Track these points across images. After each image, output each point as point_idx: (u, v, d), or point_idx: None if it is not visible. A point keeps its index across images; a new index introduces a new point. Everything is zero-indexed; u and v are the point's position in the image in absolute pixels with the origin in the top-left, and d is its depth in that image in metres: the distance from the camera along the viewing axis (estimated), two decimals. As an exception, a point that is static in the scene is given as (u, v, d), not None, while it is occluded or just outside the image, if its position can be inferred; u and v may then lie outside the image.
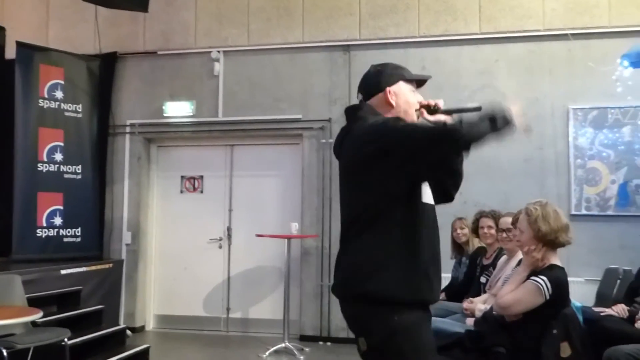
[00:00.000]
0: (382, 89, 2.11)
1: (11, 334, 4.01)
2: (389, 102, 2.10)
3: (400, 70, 2.17)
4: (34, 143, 6.11)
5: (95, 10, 6.73)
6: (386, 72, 2.15)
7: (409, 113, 2.09)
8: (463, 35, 6.24)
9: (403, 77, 2.14)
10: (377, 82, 2.13)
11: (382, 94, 2.11)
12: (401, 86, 2.12)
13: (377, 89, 2.12)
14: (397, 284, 1.89)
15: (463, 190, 6.45)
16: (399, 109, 2.09)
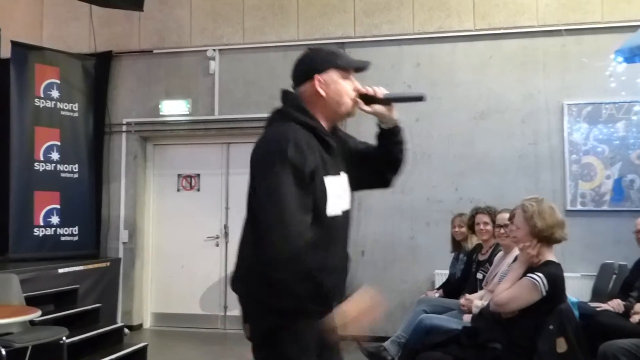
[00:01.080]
0: (310, 77, 1.93)
1: (9, 332, 4.02)
2: (317, 91, 1.93)
3: (334, 57, 1.97)
4: (30, 142, 6.10)
5: (89, 9, 6.71)
6: (318, 58, 1.96)
7: (341, 103, 1.96)
8: (457, 31, 6.25)
9: (336, 64, 1.95)
10: (307, 68, 1.95)
11: (311, 82, 1.93)
12: (332, 74, 1.94)
13: (306, 76, 1.94)
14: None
15: (458, 187, 6.54)
16: (329, 99, 1.94)
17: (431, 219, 6.08)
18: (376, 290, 1.89)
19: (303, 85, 1.96)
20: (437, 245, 5.89)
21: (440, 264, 5.78)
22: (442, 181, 6.12)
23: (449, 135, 6.16)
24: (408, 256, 6.15)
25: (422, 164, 6.19)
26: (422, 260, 6.08)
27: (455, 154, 6.12)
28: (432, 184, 6.14)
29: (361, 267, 6.23)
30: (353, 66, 2.00)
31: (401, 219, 6.19)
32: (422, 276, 6.06)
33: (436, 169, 6.15)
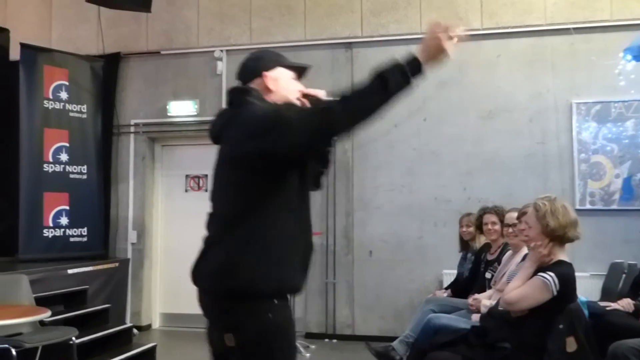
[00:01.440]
0: (259, 74, 2.08)
1: (19, 333, 4.05)
2: (267, 86, 2.07)
3: (280, 57, 2.15)
4: (39, 144, 6.14)
5: (97, 11, 6.74)
6: (264, 58, 2.13)
7: (288, 99, 2.07)
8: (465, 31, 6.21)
9: (281, 63, 2.11)
10: (255, 67, 2.10)
11: (260, 78, 2.07)
12: (280, 72, 2.09)
13: (255, 74, 2.09)
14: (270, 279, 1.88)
15: (467, 186, 6.52)
16: (278, 94, 2.07)
17: (439, 219, 6.06)
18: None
19: (252, 82, 2.09)
20: (445, 245, 5.87)
21: (448, 264, 5.77)
22: (450, 181, 6.11)
23: (457, 135, 6.14)
24: (416, 256, 6.14)
25: (430, 164, 6.18)
26: (430, 260, 6.07)
27: (464, 154, 6.11)
28: (440, 184, 6.13)
29: (369, 267, 6.24)
30: (296, 66, 2.15)
31: (409, 218, 6.18)
32: (430, 276, 6.05)
33: (444, 168, 6.14)
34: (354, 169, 6.39)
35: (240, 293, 1.87)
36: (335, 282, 6.31)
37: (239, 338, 1.89)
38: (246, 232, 1.89)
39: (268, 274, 1.88)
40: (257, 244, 1.88)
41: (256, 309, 1.88)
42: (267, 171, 1.88)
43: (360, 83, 1.81)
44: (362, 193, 6.36)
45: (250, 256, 1.88)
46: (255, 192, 1.91)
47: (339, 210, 6.37)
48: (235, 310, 1.89)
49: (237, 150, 1.92)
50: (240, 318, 1.88)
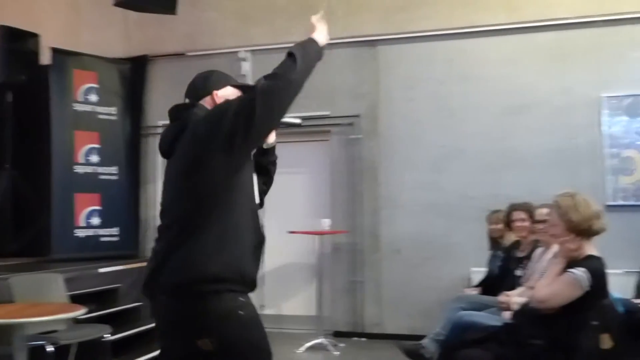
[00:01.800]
0: (209, 92, 2.19)
1: (54, 330, 4.14)
2: (217, 104, 2.16)
3: (228, 77, 2.27)
4: (70, 146, 6.26)
5: (124, 15, 6.84)
6: (213, 78, 2.23)
7: None
8: (489, 26, 6.18)
9: (229, 83, 2.24)
10: (205, 86, 2.21)
11: (210, 97, 2.18)
12: (228, 90, 2.20)
13: (205, 92, 2.19)
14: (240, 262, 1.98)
15: (494, 183, 6.45)
16: None
17: (466, 216, 6.02)
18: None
19: (202, 100, 2.20)
20: (472, 242, 5.83)
21: (476, 261, 5.72)
22: (477, 178, 6.06)
23: (483, 131, 6.09)
24: (443, 254, 6.10)
25: (455, 161, 6.14)
26: (458, 258, 6.03)
27: (490, 150, 6.06)
28: (466, 181, 6.09)
29: (397, 265, 6.22)
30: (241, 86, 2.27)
31: (436, 216, 6.15)
32: (458, 274, 6.01)
33: (470, 165, 6.09)
34: (379, 167, 6.38)
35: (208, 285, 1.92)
36: (362, 281, 6.31)
37: (216, 341, 1.92)
38: (206, 231, 1.96)
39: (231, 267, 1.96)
40: (217, 241, 1.95)
41: (228, 308, 1.94)
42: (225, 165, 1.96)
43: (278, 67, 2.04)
44: (389, 191, 6.34)
45: (213, 252, 1.94)
46: (211, 192, 1.97)
47: (366, 209, 6.37)
48: (207, 312, 1.92)
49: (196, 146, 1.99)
50: (214, 321, 1.92)
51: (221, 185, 1.98)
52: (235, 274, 1.97)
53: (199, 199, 1.98)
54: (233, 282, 1.96)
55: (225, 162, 1.97)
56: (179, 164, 2.06)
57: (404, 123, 6.35)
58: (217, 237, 1.95)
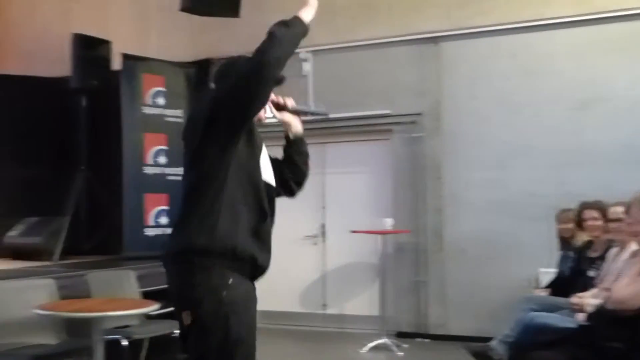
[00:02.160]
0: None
1: (127, 325, 4.30)
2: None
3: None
4: (139, 148, 6.47)
5: (190, 19, 7.02)
6: (238, 64, 2.20)
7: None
8: (555, 18, 5.98)
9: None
10: (228, 73, 2.19)
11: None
12: None
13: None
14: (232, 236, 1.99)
15: (564, 180, 6.24)
16: None
17: (534, 215, 5.84)
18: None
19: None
20: (540, 242, 5.66)
21: (544, 262, 5.55)
22: (546, 175, 5.88)
23: (551, 127, 5.91)
24: (510, 253, 5.95)
25: (521, 158, 5.98)
26: (525, 258, 5.86)
27: (559, 146, 5.86)
28: (534, 178, 5.91)
29: (461, 265, 6.11)
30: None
31: (502, 214, 6.00)
32: (526, 274, 5.83)
33: (538, 162, 5.92)
34: (442, 165, 6.29)
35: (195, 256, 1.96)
36: (426, 281, 6.24)
37: (193, 316, 1.94)
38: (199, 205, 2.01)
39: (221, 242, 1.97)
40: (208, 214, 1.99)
41: (212, 285, 1.94)
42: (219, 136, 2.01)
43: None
44: (453, 189, 6.24)
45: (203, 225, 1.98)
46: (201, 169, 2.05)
47: (429, 208, 6.29)
48: (192, 284, 1.95)
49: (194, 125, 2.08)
50: (196, 294, 1.95)
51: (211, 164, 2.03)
52: (224, 249, 1.97)
53: (192, 175, 2.10)
54: (222, 257, 1.97)
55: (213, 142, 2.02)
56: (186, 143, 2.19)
57: (467, 120, 6.24)
58: (208, 211, 1.99)
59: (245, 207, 2.04)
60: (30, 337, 3.72)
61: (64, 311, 3.32)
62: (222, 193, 2.00)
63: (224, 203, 2.00)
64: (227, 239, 1.98)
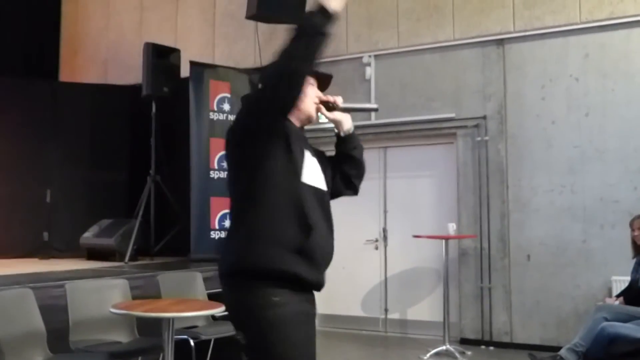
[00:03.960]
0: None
1: (195, 325, 4.44)
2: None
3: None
4: (206, 152, 6.65)
5: (255, 27, 7.18)
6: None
7: (306, 107, 2.12)
8: (632, 16, 5.74)
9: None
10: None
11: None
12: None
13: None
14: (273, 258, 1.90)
15: (638, 185, 6.00)
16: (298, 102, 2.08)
17: (606, 221, 5.63)
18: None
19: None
20: (613, 249, 5.45)
21: (617, 270, 5.35)
22: (619, 179, 5.64)
23: (626, 130, 5.67)
24: (580, 261, 5.74)
25: (594, 162, 5.77)
26: (597, 265, 5.65)
27: (633, 150, 5.62)
28: (607, 183, 5.69)
29: (528, 271, 5.96)
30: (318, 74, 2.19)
31: (571, 221, 5.81)
32: (597, 282, 5.63)
33: (612, 166, 5.69)
34: (508, 169, 6.15)
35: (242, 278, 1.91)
36: (490, 287, 6.11)
37: (245, 337, 1.91)
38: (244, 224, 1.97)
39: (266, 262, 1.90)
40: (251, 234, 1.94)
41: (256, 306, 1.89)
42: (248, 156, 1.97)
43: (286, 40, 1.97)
44: (519, 194, 6.09)
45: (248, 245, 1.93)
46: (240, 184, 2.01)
47: (493, 213, 6.16)
48: (238, 305, 1.94)
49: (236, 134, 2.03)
50: (242, 315, 1.93)
51: (247, 178, 1.98)
52: (267, 269, 1.90)
53: (235, 191, 2.05)
54: (266, 277, 1.90)
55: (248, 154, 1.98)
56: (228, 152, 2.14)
57: (535, 123, 6.07)
58: (251, 231, 1.94)
59: (288, 224, 1.95)
60: (105, 334, 3.89)
61: (138, 311, 3.44)
62: (263, 211, 1.95)
63: (266, 222, 1.94)
64: (269, 260, 1.91)
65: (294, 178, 2.00)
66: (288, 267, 1.92)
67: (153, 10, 8.35)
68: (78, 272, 4.98)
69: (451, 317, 6.01)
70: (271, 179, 1.97)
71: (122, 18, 8.60)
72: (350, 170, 2.30)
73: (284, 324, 1.90)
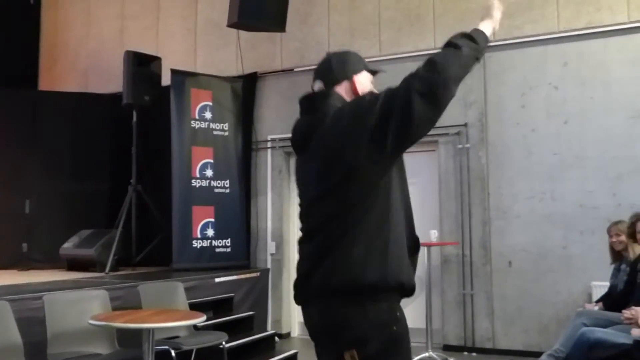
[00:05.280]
0: (348, 77, 2.02)
1: (177, 336, 4.40)
2: (356, 90, 2.01)
3: (363, 60, 2.10)
4: (188, 161, 6.63)
5: (237, 35, 7.18)
6: (351, 60, 2.07)
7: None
8: (609, 26, 5.83)
9: (366, 67, 2.07)
10: (343, 69, 2.03)
11: (348, 82, 2.02)
12: (365, 76, 2.05)
13: (344, 76, 2.03)
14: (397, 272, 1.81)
15: (616, 192, 6.07)
16: None
17: (586, 227, 5.69)
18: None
19: (337, 85, 2.03)
20: (593, 255, 5.51)
21: (597, 275, 5.40)
22: (598, 186, 5.71)
23: (604, 137, 5.74)
24: (561, 267, 5.80)
25: (573, 169, 5.83)
26: (577, 271, 5.70)
27: (612, 157, 5.69)
28: (586, 190, 5.75)
29: (509, 278, 5.99)
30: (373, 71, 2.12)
31: (552, 227, 5.86)
32: (578, 288, 5.69)
33: (591, 173, 5.76)
34: (489, 177, 6.20)
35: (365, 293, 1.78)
36: (472, 294, 6.13)
37: (363, 354, 1.76)
38: (360, 236, 1.80)
39: (390, 276, 1.80)
40: (373, 247, 1.79)
41: (381, 322, 1.79)
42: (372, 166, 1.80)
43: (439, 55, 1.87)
44: (500, 201, 6.14)
45: (370, 259, 1.78)
46: (359, 195, 1.81)
47: (475, 220, 6.20)
48: (358, 322, 1.78)
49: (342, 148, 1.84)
50: (363, 332, 1.77)
51: (369, 188, 1.81)
52: (393, 283, 1.81)
53: (345, 202, 1.82)
54: (391, 291, 1.81)
55: (372, 164, 1.80)
56: (320, 163, 1.90)
57: (515, 131, 6.13)
58: (372, 243, 1.79)
59: (405, 235, 1.88)
60: (84, 346, 3.84)
61: (117, 322, 3.40)
62: (381, 220, 1.82)
63: (385, 232, 1.81)
64: (395, 274, 1.81)
65: (405, 184, 1.94)
66: (410, 280, 1.87)
67: (134, 18, 8.31)
68: (57, 284, 4.91)
69: (434, 324, 6.01)
70: (390, 187, 1.85)
71: (103, 26, 8.54)
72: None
73: (404, 338, 1.84)
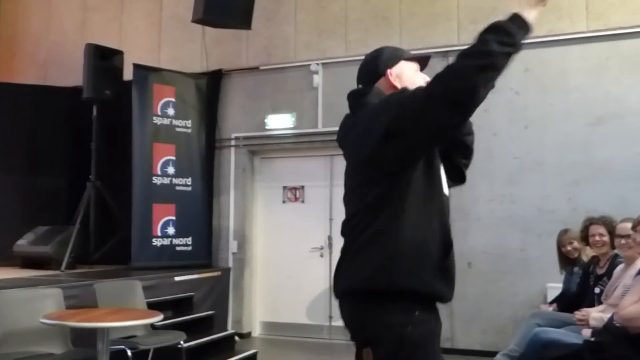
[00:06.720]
0: (382, 73, 1.99)
1: (133, 335, 4.31)
2: (393, 84, 1.97)
3: (399, 51, 2.05)
4: (149, 158, 6.52)
5: (202, 31, 7.09)
6: (384, 55, 2.02)
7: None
8: (569, 34, 5.97)
9: (403, 57, 2.02)
10: (376, 66, 2.00)
11: (384, 78, 1.99)
12: (403, 66, 2.00)
13: (377, 74, 1.99)
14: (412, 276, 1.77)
15: (572, 197, 6.19)
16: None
17: (543, 230, 5.80)
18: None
19: (377, 83, 2.00)
20: (549, 257, 5.59)
21: (553, 277, 5.51)
22: (555, 191, 5.84)
23: (562, 143, 5.87)
24: (518, 269, 5.90)
25: (532, 173, 5.95)
26: (534, 273, 5.82)
27: (570, 162, 5.83)
28: (544, 194, 5.88)
29: (469, 279, 6.06)
30: (420, 58, 2.05)
31: (511, 230, 5.97)
32: (534, 289, 5.80)
33: (549, 177, 5.88)
34: (451, 179, 6.26)
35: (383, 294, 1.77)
36: (433, 294, 6.19)
37: (376, 354, 1.77)
38: (383, 236, 1.79)
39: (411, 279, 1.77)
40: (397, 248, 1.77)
41: (394, 323, 1.77)
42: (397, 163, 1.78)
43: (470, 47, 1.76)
44: (461, 203, 6.20)
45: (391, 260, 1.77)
46: (383, 194, 1.80)
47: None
48: (373, 322, 1.79)
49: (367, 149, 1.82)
50: (376, 332, 1.78)
51: (392, 186, 1.79)
52: (405, 288, 1.77)
53: (370, 200, 1.81)
54: (404, 295, 1.78)
55: (395, 162, 1.78)
56: (352, 159, 1.94)
57: (477, 134, 6.15)
58: (385, 246, 1.77)
59: (432, 241, 1.82)
60: (36, 346, 3.73)
61: (70, 321, 3.32)
62: (407, 221, 1.78)
63: (408, 237, 1.78)
64: (409, 279, 1.77)
65: (437, 188, 1.88)
66: (428, 286, 1.80)
67: (97, 11, 8.13)
68: (9, 281, 4.75)
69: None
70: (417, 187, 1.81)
71: (64, 18, 8.33)
72: (463, 159, 2.12)
73: (421, 343, 1.79)
